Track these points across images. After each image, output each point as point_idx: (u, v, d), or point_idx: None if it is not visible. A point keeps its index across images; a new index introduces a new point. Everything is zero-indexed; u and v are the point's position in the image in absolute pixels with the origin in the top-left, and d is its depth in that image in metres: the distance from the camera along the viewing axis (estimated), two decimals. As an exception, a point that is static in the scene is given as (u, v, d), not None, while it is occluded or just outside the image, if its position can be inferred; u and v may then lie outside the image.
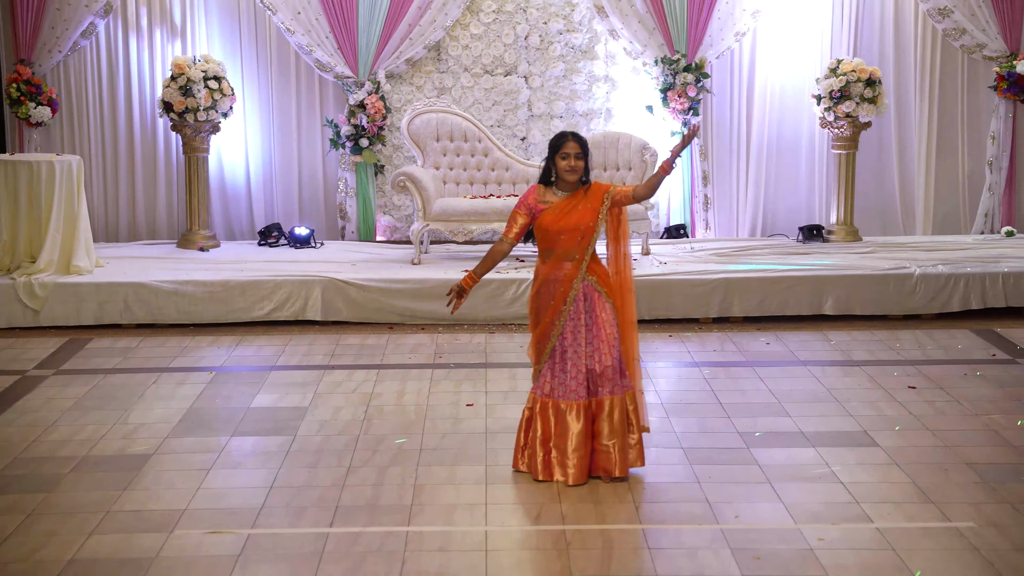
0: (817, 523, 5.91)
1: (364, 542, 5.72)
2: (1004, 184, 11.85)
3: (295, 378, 8.51)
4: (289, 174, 12.09)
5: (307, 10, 11.55)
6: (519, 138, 11.89)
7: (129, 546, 5.70)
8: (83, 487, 6.44)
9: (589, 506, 6.14)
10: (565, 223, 6.27)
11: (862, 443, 7.07)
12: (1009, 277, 10.10)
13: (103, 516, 6.05)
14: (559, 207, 6.31)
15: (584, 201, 6.32)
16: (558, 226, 6.27)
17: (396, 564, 5.48)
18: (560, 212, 6.29)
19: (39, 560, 5.55)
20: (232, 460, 6.89)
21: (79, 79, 11.89)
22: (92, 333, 9.75)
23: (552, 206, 6.32)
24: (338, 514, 6.06)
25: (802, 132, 12.06)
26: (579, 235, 6.27)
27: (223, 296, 9.96)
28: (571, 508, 6.10)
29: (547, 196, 6.38)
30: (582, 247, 6.30)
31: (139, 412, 7.71)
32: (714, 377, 8.42)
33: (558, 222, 6.27)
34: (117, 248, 11.44)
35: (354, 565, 5.47)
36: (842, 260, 10.58)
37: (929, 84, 11.96)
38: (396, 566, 5.46)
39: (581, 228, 6.27)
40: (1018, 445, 7.00)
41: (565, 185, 6.35)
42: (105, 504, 6.20)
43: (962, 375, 8.46)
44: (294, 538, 5.78)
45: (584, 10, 11.73)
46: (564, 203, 6.32)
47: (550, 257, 6.34)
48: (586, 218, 6.28)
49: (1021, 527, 5.84)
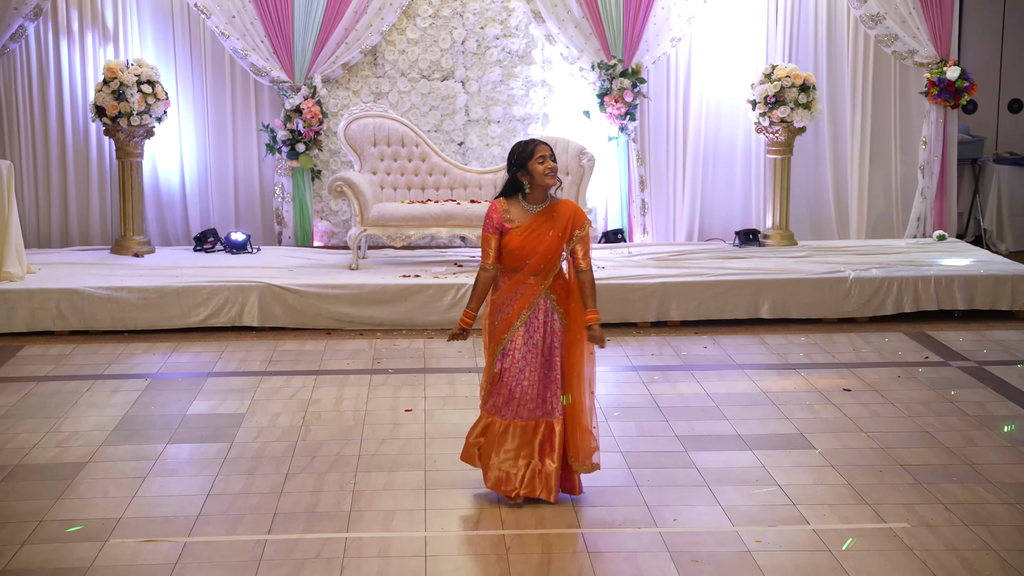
0: (754, 525, 5.96)
1: (303, 549, 5.70)
2: (936, 189, 11.98)
3: (232, 384, 8.47)
4: (225, 179, 12.03)
5: (242, 14, 11.49)
6: (456, 143, 11.89)
7: (63, 556, 5.65)
8: (15, 496, 6.38)
9: (528, 511, 6.15)
10: (532, 246, 5.97)
11: (798, 446, 7.13)
12: (941, 281, 10.23)
13: (36, 525, 5.99)
14: (525, 229, 5.98)
15: (552, 224, 5.99)
16: (525, 250, 5.98)
17: (335, 570, 5.47)
18: (527, 234, 5.97)
19: (-29, 571, 5.51)
20: (168, 468, 6.84)
21: (9, 82, 11.76)
22: (24, 340, 9.64)
23: (518, 228, 5.99)
24: (276, 521, 6.04)
25: (738, 137, 12.15)
26: (545, 259, 5.99)
27: (158, 302, 9.89)
28: (510, 513, 6.11)
29: (512, 212, 6.04)
30: (547, 269, 6.02)
31: (73, 420, 7.65)
32: (652, 381, 8.47)
33: (524, 245, 5.98)
34: (49, 254, 11.32)
35: (292, 572, 5.46)
36: (778, 264, 10.67)
37: (862, 90, 12.10)
38: (335, 572, 5.45)
39: (548, 253, 5.99)
40: (950, 446, 7.09)
41: (538, 195, 6.01)
42: (38, 514, 6.14)
43: (895, 377, 8.56)
44: (232, 546, 5.75)
45: (521, 15, 11.76)
46: (531, 223, 5.99)
47: (515, 274, 6.06)
48: (551, 245, 5.98)
49: (953, 527, 5.92)
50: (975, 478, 6.58)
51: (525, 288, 6.01)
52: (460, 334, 6.13)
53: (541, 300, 6.03)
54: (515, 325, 6.03)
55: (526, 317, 6.02)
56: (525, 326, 6.04)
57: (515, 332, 6.04)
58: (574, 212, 6.02)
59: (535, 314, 6.04)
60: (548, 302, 6.05)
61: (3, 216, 10.10)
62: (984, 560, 5.55)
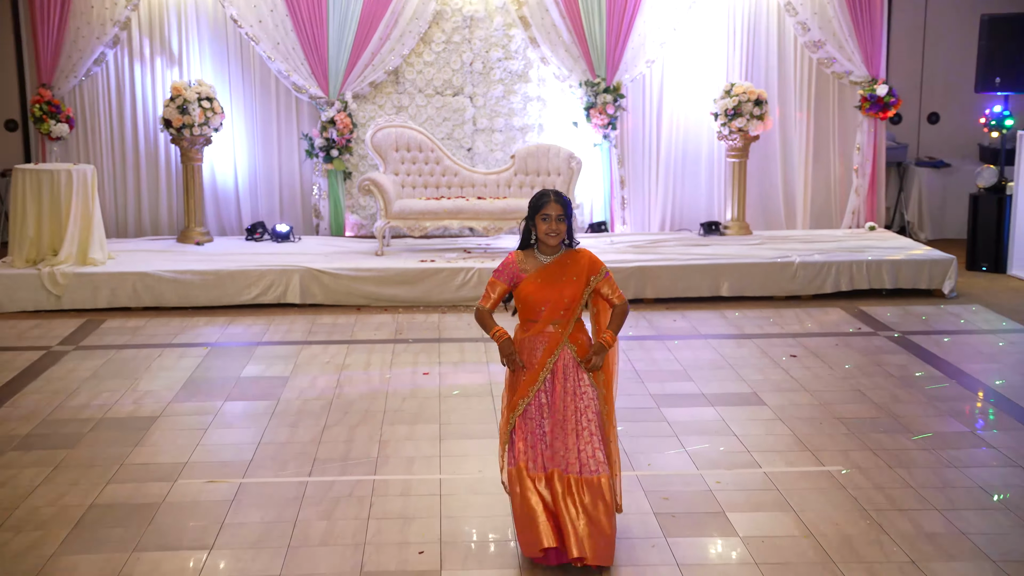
0: (715, 469, 5.99)
1: (337, 489, 5.75)
2: (867, 187, 11.97)
3: (278, 352, 8.50)
4: (271, 179, 12.03)
5: (284, 41, 11.48)
6: (465, 148, 11.89)
7: (141, 493, 5.70)
8: (101, 444, 6.43)
9: (526, 456, 6.19)
10: (547, 294, 4.92)
11: (752, 402, 7.16)
12: (872, 264, 10.24)
13: (118, 468, 6.04)
14: (541, 275, 4.94)
15: (569, 270, 4.97)
16: (539, 296, 4.92)
17: (365, 507, 5.51)
18: (542, 281, 4.93)
19: (64, 505, 5.55)
20: (225, 421, 6.89)
21: (92, 100, 11.76)
22: (106, 315, 9.67)
23: (533, 274, 4.94)
24: (315, 465, 6.08)
25: (702, 143, 12.11)
26: (562, 308, 4.92)
27: (216, 283, 9.91)
28: (511, 458, 6.14)
29: (527, 263, 4.99)
30: (566, 318, 4.93)
31: (146, 381, 7.69)
32: (630, 349, 8.47)
33: (539, 291, 4.92)
34: (126, 243, 11.33)
35: (329, 508, 5.50)
36: (736, 251, 10.67)
37: (807, 104, 12.07)
38: (365, 508, 5.49)
39: (565, 301, 4.92)
40: (878, 402, 7.12)
41: (547, 248, 4.98)
42: (119, 458, 6.19)
43: (833, 345, 8.58)
44: (278, 486, 5.80)
45: (520, 41, 11.74)
46: (546, 270, 4.95)
47: (532, 325, 4.97)
48: (568, 291, 4.93)
49: (880, 470, 5.96)
50: (898, 429, 6.62)
51: (545, 337, 4.93)
52: (506, 347, 4.95)
53: (561, 350, 4.92)
54: (538, 380, 4.91)
55: (548, 368, 4.91)
56: (546, 380, 4.93)
57: (536, 388, 4.92)
58: (590, 260, 5.05)
59: (553, 366, 4.92)
60: (568, 351, 4.95)
61: (88, 211, 10.14)
62: (904, 495, 5.59)
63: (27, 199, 10.02)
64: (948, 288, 10.26)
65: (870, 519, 5.33)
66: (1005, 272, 11.17)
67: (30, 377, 7.81)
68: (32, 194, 10.01)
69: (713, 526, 5.27)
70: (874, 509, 5.44)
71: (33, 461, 6.16)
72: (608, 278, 5.06)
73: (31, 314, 9.71)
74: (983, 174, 11.46)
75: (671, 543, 5.08)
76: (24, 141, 12.46)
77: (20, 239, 10.04)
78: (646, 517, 5.36)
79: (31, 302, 9.78)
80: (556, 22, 11.53)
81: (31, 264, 9.98)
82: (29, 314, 9.71)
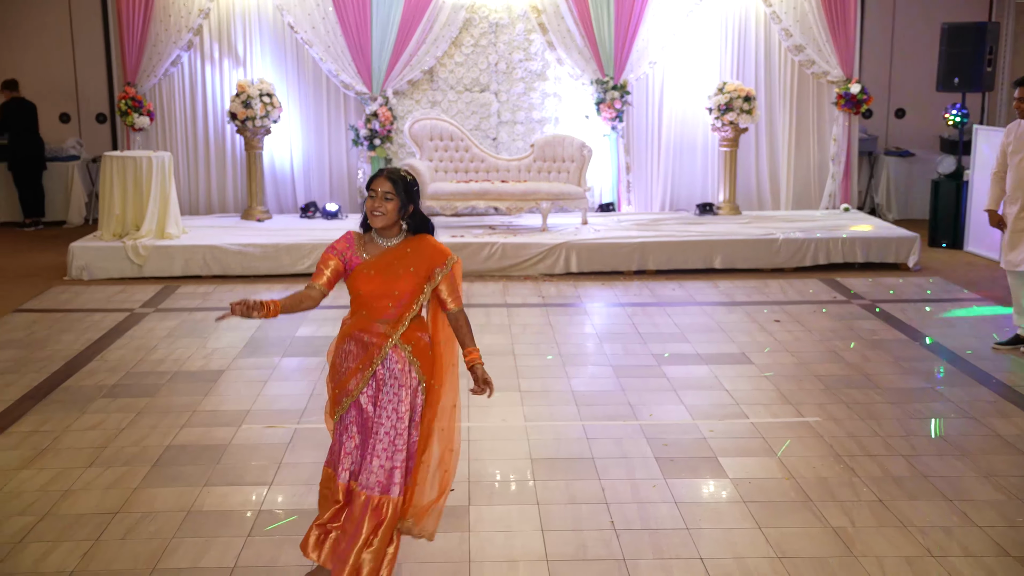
0: (708, 419, 5.97)
1: (381, 434, 5.74)
2: (842, 173, 11.86)
3: (327, 315, 8.48)
4: (322, 164, 11.99)
5: (334, 44, 11.41)
6: (491, 138, 11.81)
7: (210, 436, 5.72)
8: (176, 394, 6.45)
9: (543, 408, 6.18)
10: (378, 287, 3.75)
11: (741, 361, 7.13)
12: (847, 241, 10.16)
13: (190, 414, 6.06)
14: (374, 264, 3.78)
15: (407, 260, 3.78)
16: (367, 288, 3.75)
17: (404, 449, 5.51)
18: (374, 272, 3.77)
19: (145, 446, 5.57)
20: (283, 375, 6.89)
21: (170, 96, 11.73)
22: (180, 282, 9.69)
23: (366, 263, 3.79)
24: (362, 413, 6.08)
25: (698, 135, 12.02)
26: (391, 302, 3.76)
27: (274, 255, 9.91)
28: (531, 408, 6.13)
29: (368, 248, 3.85)
30: (396, 315, 3.77)
31: (214, 340, 7.71)
32: (634, 314, 8.47)
33: (369, 283, 3.76)
34: (197, 220, 11.32)
35: (374, 450, 5.49)
36: (727, 228, 10.60)
37: (790, 100, 11.95)
38: (404, 451, 5.49)
39: (396, 295, 3.75)
40: (851, 362, 7.08)
41: (385, 232, 3.83)
42: (192, 406, 6.21)
43: (812, 312, 8.54)
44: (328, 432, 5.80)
45: (539, 44, 11.64)
46: (381, 259, 3.79)
47: (360, 317, 3.81)
48: (402, 285, 3.75)
49: (852, 420, 5.92)
50: (868, 385, 6.57)
51: (372, 334, 3.78)
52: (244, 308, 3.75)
53: (388, 350, 3.78)
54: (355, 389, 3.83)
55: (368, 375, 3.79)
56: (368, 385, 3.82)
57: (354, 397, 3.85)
58: (435, 248, 3.83)
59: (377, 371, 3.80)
60: (400, 352, 3.80)
61: (165, 192, 10.14)
62: (873, 443, 5.55)
63: (114, 182, 10.04)
64: (912, 262, 10.16)
65: (843, 463, 5.30)
66: (962, 248, 11.05)
67: (116, 335, 7.83)
68: (118, 178, 10.03)
69: (706, 469, 5.25)
70: (847, 455, 5.41)
71: (119, 407, 6.18)
72: (451, 275, 3.81)
73: (116, 280, 9.74)
74: (943, 163, 11.37)
75: (670, 484, 5.06)
76: (112, 132, 12.51)
77: (108, 216, 10.07)
78: (648, 461, 5.34)
79: (117, 270, 9.81)
80: (571, 28, 11.43)
81: (117, 238, 10.00)
82: (115, 280, 9.74)
